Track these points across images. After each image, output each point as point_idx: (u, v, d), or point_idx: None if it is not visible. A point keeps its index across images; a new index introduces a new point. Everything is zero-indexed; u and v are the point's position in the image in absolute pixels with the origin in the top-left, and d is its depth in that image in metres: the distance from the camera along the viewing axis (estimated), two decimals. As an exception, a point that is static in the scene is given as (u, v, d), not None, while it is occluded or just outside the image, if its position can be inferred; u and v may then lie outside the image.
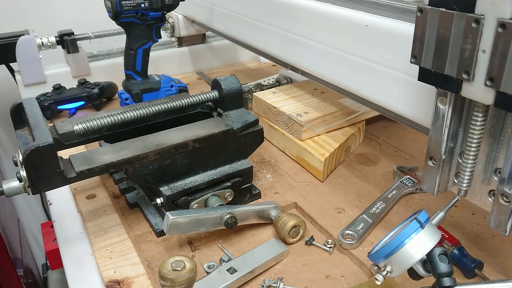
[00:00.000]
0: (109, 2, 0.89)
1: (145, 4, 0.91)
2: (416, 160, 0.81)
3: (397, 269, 0.44)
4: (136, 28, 0.94)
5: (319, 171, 0.76)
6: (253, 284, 0.57)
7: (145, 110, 0.68)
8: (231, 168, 0.69)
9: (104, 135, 0.69)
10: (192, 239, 0.64)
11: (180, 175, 0.65)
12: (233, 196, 0.68)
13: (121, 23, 0.92)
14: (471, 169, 0.48)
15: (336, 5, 0.70)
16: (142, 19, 0.93)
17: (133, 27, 0.94)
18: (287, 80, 1.06)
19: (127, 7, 0.89)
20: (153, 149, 0.61)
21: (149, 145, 0.62)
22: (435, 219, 0.49)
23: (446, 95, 0.47)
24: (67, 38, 1.11)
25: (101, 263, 0.62)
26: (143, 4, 0.91)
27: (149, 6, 0.91)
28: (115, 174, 0.76)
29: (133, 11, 0.91)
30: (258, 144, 0.71)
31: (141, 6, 0.91)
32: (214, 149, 0.67)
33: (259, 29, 0.89)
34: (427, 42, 0.44)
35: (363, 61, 0.65)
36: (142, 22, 0.93)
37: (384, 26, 0.60)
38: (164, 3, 0.93)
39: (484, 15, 0.38)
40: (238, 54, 1.40)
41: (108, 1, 0.89)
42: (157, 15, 0.94)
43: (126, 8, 0.89)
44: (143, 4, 0.91)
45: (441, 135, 0.49)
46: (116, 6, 0.88)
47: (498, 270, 0.57)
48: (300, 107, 0.85)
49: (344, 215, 0.68)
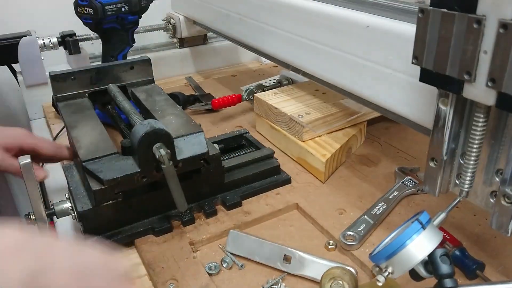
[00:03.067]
0: (90, 9, 0.86)
1: (125, 8, 0.90)
2: (418, 161, 0.81)
3: (398, 270, 0.44)
4: (116, 33, 0.93)
5: (321, 172, 0.76)
6: (254, 284, 0.57)
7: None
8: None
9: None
10: (193, 240, 0.64)
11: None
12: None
13: (102, 29, 0.91)
14: (472, 170, 0.48)
15: (337, 6, 0.70)
16: (122, 24, 0.92)
17: (114, 33, 0.93)
18: (289, 81, 1.06)
19: (110, 12, 0.88)
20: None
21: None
22: (437, 220, 0.49)
23: (447, 96, 0.47)
24: (69, 39, 1.11)
25: (102, 263, 0.62)
26: (123, 8, 0.90)
27: (129, 10, 0.90)
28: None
29: (115, 15, 0.90)
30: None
31: (122, 10, 0.90)
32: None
33: (260, 30, 0.89)
34: (429, 42, 0.44)
35: (365, 62, 0.65)
36: (122, 27, 0.92)
37: (385, 27, 0.60)
38: (141, 6, 0.92)
39: (486, 16, 0.38)
40: (239, 55, 1.40)
41: (89, 8, 0.86)
42: (135, 19, 0.93)
43: (109, 13, 0.88)
44: (123, 8, 0.90)
45: (443, 136, 0.48)
46: (101, 12, 0.87)
47: (500, 271, 0.57)
48: (301, 108, 0.85)
49: (346, 216, 0.68)
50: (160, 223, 0.66)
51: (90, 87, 0.81)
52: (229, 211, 0.70)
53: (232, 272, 0.59)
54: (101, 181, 0.59)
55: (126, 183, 0.60)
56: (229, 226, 0.66)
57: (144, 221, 0.66)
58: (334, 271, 0.53)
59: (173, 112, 0.74)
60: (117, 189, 0.60)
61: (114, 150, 0.64)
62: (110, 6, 0.88)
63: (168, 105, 0.77)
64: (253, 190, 0.73)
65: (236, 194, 0.71)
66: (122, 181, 0.59)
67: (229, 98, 0.98)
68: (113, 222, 0.63)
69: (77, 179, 0.68)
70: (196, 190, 0.69)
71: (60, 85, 0.78)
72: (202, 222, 0.67)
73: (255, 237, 0.62)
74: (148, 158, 0.59)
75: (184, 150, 0.64)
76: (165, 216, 0.67)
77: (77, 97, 0.79)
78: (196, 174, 0.68)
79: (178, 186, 0.60)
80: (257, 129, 0.95)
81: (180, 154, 0.63)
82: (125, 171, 0.60)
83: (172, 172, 0.59)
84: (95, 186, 0.59)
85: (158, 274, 0.58)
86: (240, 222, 0.67)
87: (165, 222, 0.66)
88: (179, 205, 0.60)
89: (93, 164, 0.61)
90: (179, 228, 0.66)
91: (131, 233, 0.64)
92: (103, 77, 0.81)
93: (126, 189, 0.61)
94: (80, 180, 0.67)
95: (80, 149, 0.64)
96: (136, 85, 0.84)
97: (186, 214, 0.67)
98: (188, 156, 0.64)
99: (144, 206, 0.65)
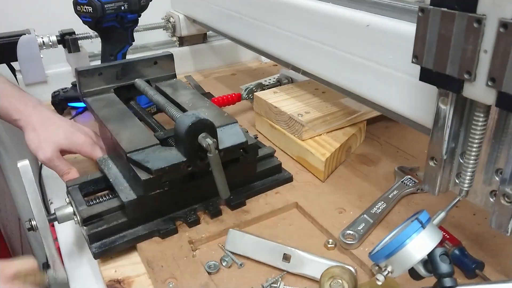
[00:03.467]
0: (89, 7, 0.86)
1: (125, 7, 0.90)
2: (417, 160, 0.81)
3: (398, 269, 0.44)
4: (116, 32, 0.93)
5: (320, 171, 0.76)
6: (254, 282, 0.57)
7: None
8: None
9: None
10: (193, 239, 0.64)
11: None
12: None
13: (102, 28, 0.91)
14: (472, 170, 0.48)
15: (337, 5, 0.70)
16: (121, 23, 0.92)
17: (113, 32, 0.93)
18: (288, 80, 1.06)
19: (109, 10, 0.88)
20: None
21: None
22: (436, 219, 0.49)
23: (447, 95, 0.47)
24: (68, 37, 1.11)
25: (101, 262, 0.62)
26: (123, 7, 0.89)
27: (128, 8, 0.90)
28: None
29: (114, 14, 0.89)
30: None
31: (121, 9, 0.89)
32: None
33: (260, 29, 0.89)
34: (429, 42, 0.44)
35: (364, 61, 0.65)
36: (121, 25, 0.92)
37: (385, 26, 0.60)
38: (140, 4, 0.92)
39: (486, 15, 0.38)
40: (239, 54, 1.40)
41: (89, 7, 0.86)
42: (134, 17, 0.93)
43: (108, 11, 0.88)
44: (122, 6, 0.89)
45: (443, 135, 0.49)
46: (101, 10, 0.86)
47: (499, 270, 0.57)
48: (301, 107, 0.85)
49: (345, 215, 0.68)
50: (166, 225, 0.65)
51: (116, 82, 0.83)
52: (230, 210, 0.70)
53: (232, 271, 0.59)
54: (149, 170, 0.60)
55: (172, 172, 0.62)
56: (228, 225, 0.66)
57: (148, 223, 0.65)
58: (334, 270, 0.53)
59: (203, 105, 0.76)
60: (164, 179, 0.62)
61: (156, 141, 0.65)
62: (110, 4, 0.87)
63: (197, 98, 0.79)
64: (255, 189, 0.73)
65: (240, 194, 0.71)
66: (169, 171, 0.61)
67: (229, 97, 0.98)
68: (156, 211, 0.65)
69: (115, 171, 0.69)
70: (231, 179, 0.67)
71: (87, 81, 0.79)
72: (202, 221, 0.67)
73: (255, 236, 0.62)
74: (193, 147, 0.61)
75: (224, 140, 0.66)
76: (170, 218, 0.66)
77: (104, 92, 0.81)
78: (232, 164, 0.69)
79: (222, 174, 0.62)
80: (256, 128, 0.95)
81: (221, 144, 0.65)
82: (171, 160, 0.62)
83: (217, 160, 0.60)
84: (143, 176, 0.60)
85: (158, 272, 0.58)
86: (239, 221, 0.67)
87: (170, 223, 0.65)
88: (222, 193, 0.63)
89: (137, 155, 0.62)
90: (179, 226, 0.66)
91: (136, 236, 0.63)
92: (128, 72, 0.83)
93: (172, 178, 0.63)
94: (119, 172, 0.68)
95: (121, 141, 0.65)
96: (159, 80, 0.86)
97: (191, 215, 0.67)
98: (229, 146, 0.66)
99: (184, 195, 0.67)
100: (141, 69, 0.84)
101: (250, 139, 0.70)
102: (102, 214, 0.62)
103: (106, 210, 0.63)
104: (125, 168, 0.66)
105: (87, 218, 0.61)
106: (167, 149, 0.64)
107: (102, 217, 0.62)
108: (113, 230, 0.63)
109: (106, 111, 0.74)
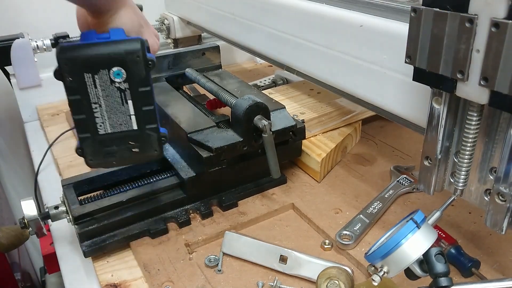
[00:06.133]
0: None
1: None
2: (413, 160, 0.81)
3: (394, 270, 0.44)
4: None
5: (316, 171, 0.76)
6: (251, 284, 0.57)
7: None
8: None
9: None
10: (189, 242, 0.64)
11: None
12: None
13: None
14: (466, 168, 0.48)
15: (330, 6, 0.70)
16: None
17: None
18: (283, 81, 1.06)
19: None
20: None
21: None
22: (431, 219, 0.49)
23: (441, 95, 0.47)
24: (62, 40, 1.10)
25: (98, 266, 0.62)
26: None
27: None
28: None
29: None
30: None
31: None
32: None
33: (254, 30, 0.89)
34: (422, 42, 0.44)
35: (358, 61, 0.65)
36: None
37: (379, 26, 0.60)
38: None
39: (478, 15, 0.38)
40: (234, 55, 1.40)
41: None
42: None
43: None
44: None
45: (437, 135, 0.49)
46: None
47: (495, 269, 0.57)
48: (296, 108, 0.85)
49: (341, 215, 0.68)
50: (156, 225, 0.65)
51: (168, 72, 0.89)
52: (224, 211, 0.70)
53: (229, 273, 0.59)
54: (210, 149, 0.65)
55: (230, 151, 0.67)
56: (225, 227, 0.66)
57: (140, 223, 0.66)
58: (330, 271, 0.53)
59: (251, 92, 0.80)
60: (222, 157, 0.66)
61: (212, 124, 0.70)
62: None
63: (244, 86, 0.84)
64: (249, 190, 0.73)
65: (232, 195, 0.71)
66: (228, 149, 0.66)
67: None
68: (213, 188, 0.71)
69: (172, 152, 0.74)
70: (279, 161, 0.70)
71: None
72: (197, 224, 0.67)
73: (251, 238, 0.62)
74: (249, 128, 0.67)
75: (275, 123, 0.71)
76: (161, 218, 0.67)
77: (156, 81, 0.86)
78: (281, 146, 0.72)
79: (274, 154, 0.67)
80: (252, 129, 0.95)
81: (273, 126, 0.69)
82: (229, 140, 0.67)
83: (271, 141, 0.66)
84: (204, 154, 0.65)
85: (154, 276, 0.58)
86: (236, 223, 0.67)
87: (161, 223, 0.66)
88: (274, 172, 0.68)
89: (197, 135, 0.68)
90: (175, 229, 0.66)
91: (126, 235, 0.64)
92: (178, 62, 0.89)
93: (229, 157, 0.67)
94: (177, 153, 0.74)
95: (181, 123, 0.71)
96: (206, 70, 0.92)
97: (182, 215, 0.67)
98: (280, 128, 0.71)
99: (239, 174, 0.72)
100: (190, 59, 0.91)
101: (298, 123, 0.74)
102: (94, 213, 0.63)
103: (98, 209, 0.63)
104: (184, 148, 0.71)
105: (79, 216, 0.62)
106: (223, 130, 0.70)
107: (94, 216, 0.63)
108: (104, 229, 0.63)
109: (162, 97, 0.80)
